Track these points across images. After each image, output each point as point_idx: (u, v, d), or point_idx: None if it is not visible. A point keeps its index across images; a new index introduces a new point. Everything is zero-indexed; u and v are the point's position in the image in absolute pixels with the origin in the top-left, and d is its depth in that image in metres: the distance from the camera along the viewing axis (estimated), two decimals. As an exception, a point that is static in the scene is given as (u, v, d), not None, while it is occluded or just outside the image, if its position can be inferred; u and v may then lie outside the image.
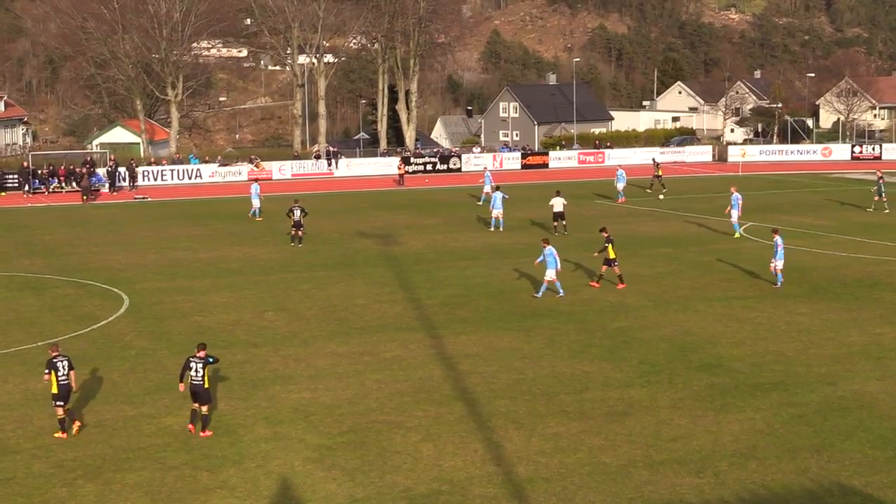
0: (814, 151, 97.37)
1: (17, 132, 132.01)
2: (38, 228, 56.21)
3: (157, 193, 73.43)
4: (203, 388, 22.88)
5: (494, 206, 52.83)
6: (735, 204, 49.76)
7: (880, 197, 59.54)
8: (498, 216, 52.71)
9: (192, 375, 22.96)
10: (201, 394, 22.89)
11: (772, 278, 38.04)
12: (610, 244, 37.83)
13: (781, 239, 37.81)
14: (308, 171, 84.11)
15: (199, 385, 22.87)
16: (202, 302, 36.55)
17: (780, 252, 37.52)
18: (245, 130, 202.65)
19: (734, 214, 49.94)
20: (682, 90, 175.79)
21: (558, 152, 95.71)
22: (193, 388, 22.93)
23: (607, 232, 38.69)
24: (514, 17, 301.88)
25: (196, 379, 22.89)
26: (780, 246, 37.57)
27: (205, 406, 23.04)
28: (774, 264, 37.74)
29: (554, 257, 35.89)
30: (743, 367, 27.76)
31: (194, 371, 22.94)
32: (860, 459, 21.15)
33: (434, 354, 29.33)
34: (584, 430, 22.93)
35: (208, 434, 22.92)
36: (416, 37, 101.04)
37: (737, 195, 49.96)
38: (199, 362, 23.03)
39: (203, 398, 22.93)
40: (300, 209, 48.42)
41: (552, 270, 35.91)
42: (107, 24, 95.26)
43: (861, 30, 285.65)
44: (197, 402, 22.97)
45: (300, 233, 48.32)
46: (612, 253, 37.84)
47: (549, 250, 35.93)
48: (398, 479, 20.36)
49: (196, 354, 23.22)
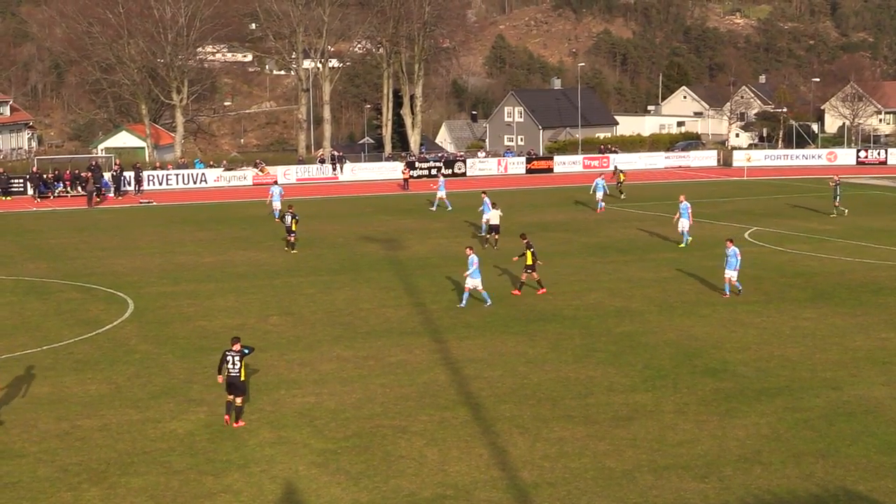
0: (819, 156, 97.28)
1: (23, 137, 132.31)
2: (43, 232, 56.28)
3: (162, 198, 73.51)
4: (240, 381, 23.72)
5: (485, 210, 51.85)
6: (684, 213, 48.27)
7: (836, 201, 59.37)
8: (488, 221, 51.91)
9: (230, 368, 23.73)
10: (238, 385, 23.73)
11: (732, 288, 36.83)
12: (529, 251, 37.56)
13: (737, 249, 36.55)
14: (313, 175, 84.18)
15: (237, 377, 23.69)
16: (207, 306, 36.58)
17: (733, 262, 36.28)
18: (250, 135, 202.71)
19: (684, 223, 48.30)
20: (686, 95, 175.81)
21: (563, 157, 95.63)
22: (230, 381, 23.73)
23: (527, 238, 38.43)
24: (519, 22, 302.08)
25: (233, 371, 23.70)
26: (734, 256, 36.27)
27: (240, 398, 23.83)
28: (728, 274, 36.58)
29: (474, 267, 35.23)
30: (748, 371, 27.73)
31: (231, 364, 23.73)
32: (866, 464, 21.11)
33: (439, 359, 29.32)
34: (588, 434, 22.91)
35: (241, 424, 23.61)
36: (421, 41, 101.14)
37: (685, 204, 48.61)
38: (235, 355, 23.78)
39: (239, 390, 23.75)
40: (291, 215, 48.21)
41: (476, 280, 35.37)
42: (112, 29, 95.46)
43: (866, 34, 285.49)
44: (233, 393, 23.72)
45: (292, 238, 48.15)
46: (529, 259, 37.53)
47: (474, 258, 35.38)
48: (403, 483, 20.35)
49: (231, 348, 23.92)
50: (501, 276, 41.52)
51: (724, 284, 37.00)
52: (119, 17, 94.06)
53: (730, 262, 36.43)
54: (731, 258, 36.38)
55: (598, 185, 62.92)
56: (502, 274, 41.81)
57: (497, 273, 41.94)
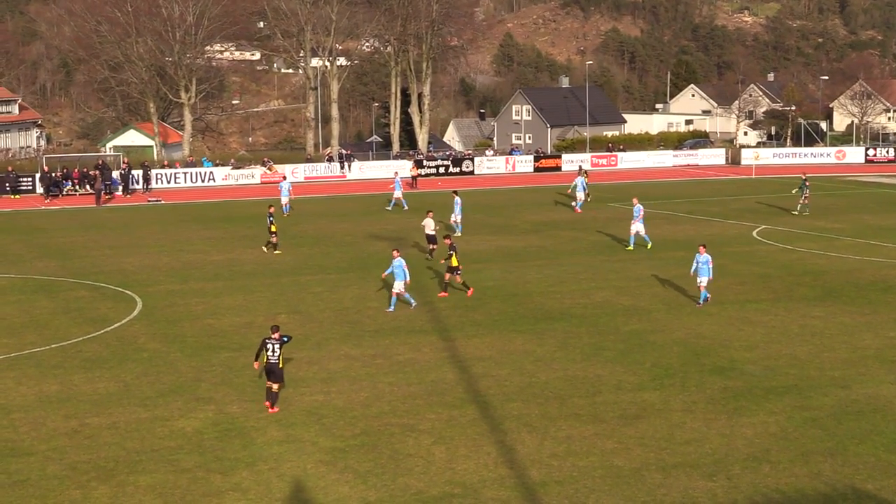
0: (827, 154, 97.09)
1: (32, 135, 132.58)
2: (51, 231, 56.38)
3: (170, 196, 73.60)
4: (278, 368, 24.59)
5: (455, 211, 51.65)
6: (637, 215, 47.29)
7: (803, 198, 59.07)
8: (457, 221, 51.64)
9: (269, 355, 24.57)
10: (276, 372, 24.60)
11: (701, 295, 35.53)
12: (454, 252, 37.31)
13: (709, 256, 35.27)
14: (321, 173, 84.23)
15: (275, 364, 24.56)
16: (215, 304, 36.62)
17: (704, 269, 35.05)
18: (258, 133, 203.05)
19: (638, 227, 47.33)
20: (695, 93, 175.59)
21: (571, 155, 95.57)
22: (269, 367, 24.58)
23: (450, 240, 38.16)
24: (527, 20, 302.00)
25: (272, 358, 24.55)
26: (706, 263, 35.03)
27: (276, 384, 24.63)
28: (699, 280, 35.31)
29: (403, 269, 34.56)
30: (756, 370, 27.70)
31: (271, 351, 24.59)
32: (874, 463, 21.08)
33: (447, 357, 29.33)
34: (596, 433, 22.90)
35: (276, 410, 24.36)
36: (429, 40, 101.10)
37: (638, 206, 47.52)
38: (275, 343, 24.67)
39: (277, 376, 24.61)
40: (269, 216, 47.70)
41: (400, 283, 34.64)
42: (120, 28, 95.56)
43: (875, 32, 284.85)
44: (270, 380, 24.58)
45: (275, 239, 47.58)
46: (454, 261, 37.26)
47: (397, 261, 34.61)
48: (411, 481, 20.36)
49: (271, 336, 24.77)
50: (512, 273, 41.50)
51: (699, 293, 35.49)
52: (127, 16, 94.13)
53: (701, 269, 35.11)
54: (703, 265, 35.07)
55: (578, 183, 62.47)
56: (511, 272, 41.78)
57: (512, 271, 41.94)
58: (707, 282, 35.20)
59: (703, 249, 35.50)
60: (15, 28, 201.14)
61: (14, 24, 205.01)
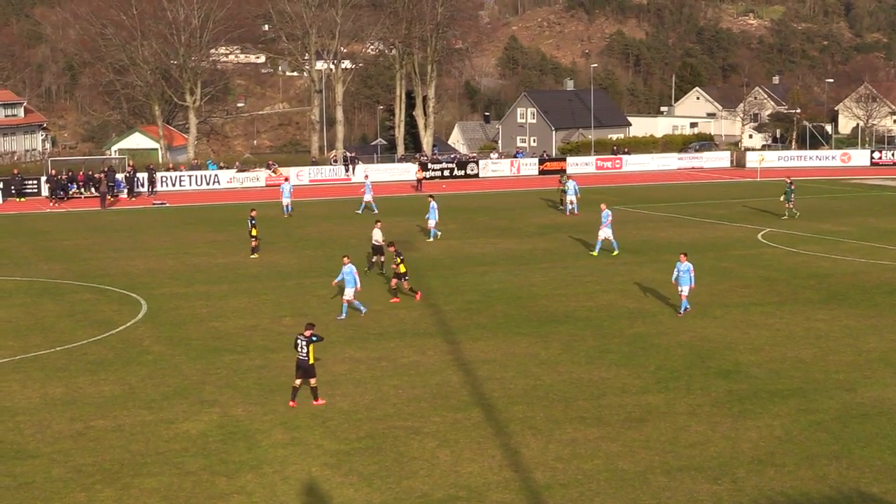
0: (833, 157, 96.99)
1: (37, 138, 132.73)
2: (57, 234, 56.45)
3: (175, 199, 73.65)
4: (308, 364, 25.00)
5: (430, 216, 51.21)
6: (605, 220, 46.43)
7: (789, 203, 58.89)
8: (433, 226, 51.19)
9: (299, 352, 25.06)
10: (306, 368, 25.03)
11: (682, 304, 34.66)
12: (401, 258, 37.00)
13: (690, 265, 34.31)
14: (326, 176, 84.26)
15: (304, 361, 25.01)
16: (220, 307, 36.65)
17: (685, 278, 34.09)
18: (263, 136, 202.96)
19: (606, 232, 46.42)
20: (700, 96, 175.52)
21: (576, 158, 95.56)
22: (299, 364, 25.09)
23: (395, 247, 37.69)
24: (532, 23, 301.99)
25: (302, 355, 25.00)
26: (687, 271, 34.06)
27: (312, 379, 25.15)
28: (682, 290, 34.30)
29: (353, 276, 34.03)
30: (761, 373, 27.67)
31: (299, 348, 25.06)
32: (880, 466, 21.05)
33: (451, 360, 29.32)
34: (601, 436, 22.89)
35: (321, 402, 25.09)
36: (434, 43, 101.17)
37: (606, 212, 46.67)
38: (304, 340, 25.05)
39: (309, 372, 25.07)
40: (251, 220, 47.49)
41: (351, 289, 34.08)
42: (126, 31, 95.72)
43: (881, 35, 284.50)
44: (301, 377, 25.09)
45: (254, 242, 47.32)
46: (402, 268, 36.92)
47: (348, 268, 34.04)
48: (415, 484, 20.36)
49: (303, 333, 25.20)
50: (517, 276, 41.50)
51: (680, 301, 34.58)
52: (132, 19, 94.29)
53: (682, 277, 34.17)
54: (684, 273, 34.13)
55: (572, 187, 62.06)
56: (516, 275, 41.78)
57: (517, 274, 41.93)
58: (689, 290, 34.29)
59: (683, 258, 34.60)
60: (20, 31, 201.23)
61: (19, 28, 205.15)
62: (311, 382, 25.22)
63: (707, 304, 36.06)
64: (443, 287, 39.68)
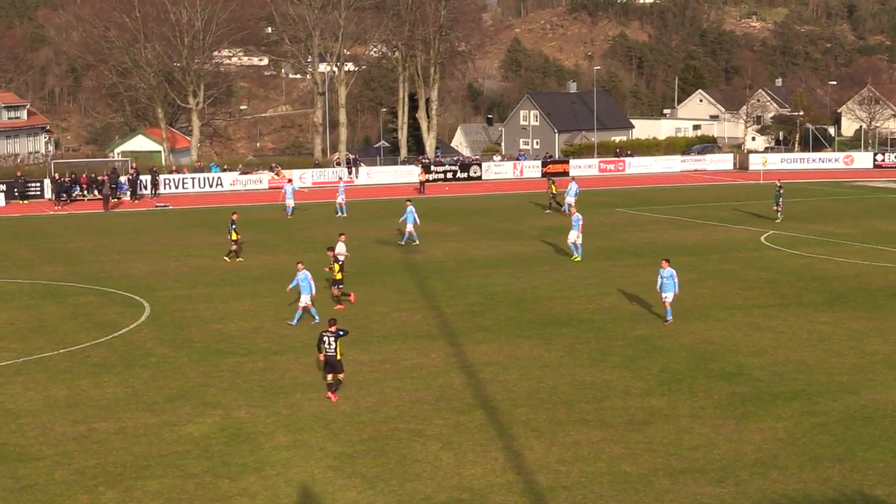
0: (836, 160, 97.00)
1: (40, 140, 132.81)
2: (60, 236, 56.49)
3: (178, 201, 73.69)
4: (335, 359, 25.68)
5: (407, 220, 50.68)
6: (575, 225, 45.92)
7: (777, 206, 58.73)
8: (411, 230, 50.66)
9: (326, 348, 25.71)
10: (334, 364, 25.73)
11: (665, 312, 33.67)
12: (337, 264, 36.45)
13: (673, 270, 33.31)
14: (328, 178, 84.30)
15: (332, 356, 25.68)
16: (223, 309, 36.65)
17: (669, 284, 33.10)
18: (266, 139, 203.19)
19: (573, 236, 45.92)
20: (702, 98, 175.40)
21: (579, 160, 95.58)
22: (328, 359, 25.73)
23: (333, 252, 37.29)
24: (535, 26, 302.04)
25: (330, 351, 25.69)
26: (671, 277, 33.09)
27: (340, 374, 25.97)
28: (665, 297, 33.32)
29: (309, 282, 33.37)
30: (764, 375, 27.65)
31: (327, 343, 25.71)
32: (883, 469, 21.02)
33: (454, 362, 29.32)
34: (604, 438, 22.88)
35: (336, 399, 25.60)
36: (437, 45, 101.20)
37: (577, 216, 46.32)
38: (331, 336, 25.75)
39: (337, 368, 25.77)
40: (231, 223, 47.19)
41: (307, 296, 33.40)
42: (129, 33, 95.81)
43: (883, 37, 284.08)
44: (330, 371, 25.77)
45: (235, 247, 47.08)
46: (338, 275, 36.38)
47: (303, 274, 33.41)
48: (418, 487, 20.35)
49: (329, 329, 25.89)
50: (520, 279, 41.51)
51: (665, 310, 33.60)
52: (136, 21, 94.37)
53: (666, 284, 33.14)
54: (668, 280, 33.10)
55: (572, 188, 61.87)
56: (519, 277, 41.79)
57: (520, 276, 41.93)
58: (673, 297, 33.31)
59: (666, 264, 33.50)
60: (23, 33, 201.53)
61: (23, 30, 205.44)
62: (340, 377, 25.96)
63: (710, 307, 36.05)
64: (446, 289, 39.68)
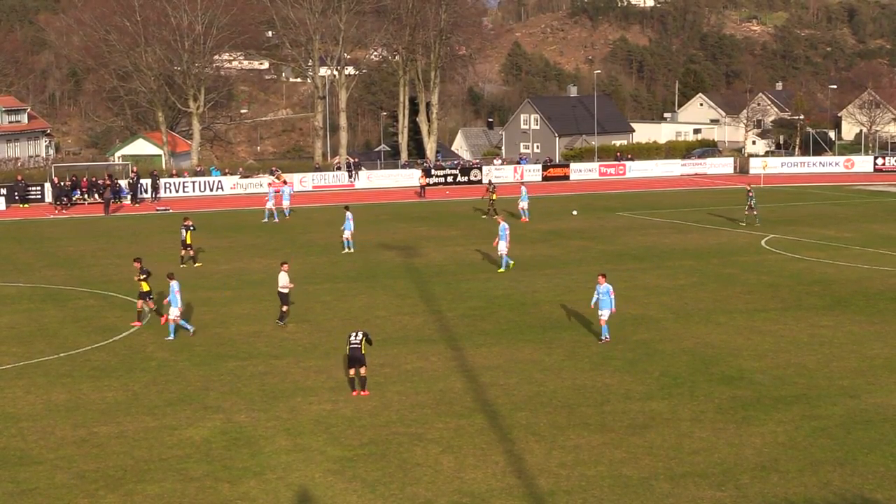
0: (836, 163, 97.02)
1: (41, 144, 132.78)
2: (60, 240, 56.49)
3: (178, 205, 73.67)
4: (359, 353, 26.26)
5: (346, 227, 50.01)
6: (503, 235, 44.29)
7: (750, 210, 58.72)
8: (349, 237, 50.04)
9: (352, 341, 26.41)
10: (358, 358, 26.34)
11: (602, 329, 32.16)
12: (145, 277, 34.86)
13: (610, 286, 31.75)
14: (329, 182, 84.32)
15: (357, 349, 26.29)
16: (223, 313, 36.65)
17: (606, 301, 31.48)
18: (266, 142, 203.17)
19: (502, 246, 44.36)
20: (703, 102, 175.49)
21: (579, 164, 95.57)
22: (352, 353, 26.33)
23: (140, 263, 35.68)
24: (536, 30, 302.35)
25: (355, 343, 26.32)
26: (607, 294, 31.54)
27: (363, 368, 26.49)
28: (600, 314, 31.75)
29: (175, 295, 32.48)
30: (765, 379, 27.64)
31: (354, 336, 26.51)
32: (884, 473, 21.02)
33: (455, 366, 29.31)
34: (605, 442, 22.87)
35: (366, 394, 26.31)
36: (438, 49, 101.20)
37: (504, 225, 44.62)
38: (358, 330, 26.77)
39: (359, 362, 26.36)
40: (186, 227, 46.98)
41: (175, 309, 32.63)
42: (129, 37, 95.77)
43: (884, 41, 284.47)
44: (353, 366, 26.43)
45: (190, 252, 46.87)
46: (145, 286, 34.86)
47: (174, 285, 32.60)
48: (419, 491, 20.34)
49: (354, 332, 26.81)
50: (520, 283, 41.52)
51: (600, 328, 32.11)
52: (136, 25, 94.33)
53: (602, 301, 31.54)
54: (604, 296, 31.50)
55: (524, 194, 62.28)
56: (520, 281, 41.81)
57: (520, 280, 41.95)
58: (609, 314, 31.63)
59: (602, 279, 31.86)
60: (24, 37, 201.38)
61: (23, 34, 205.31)
62: (363, 371, 26.43)
63: (711, 311, 36.06)
64: (446, 293, 39.68)
